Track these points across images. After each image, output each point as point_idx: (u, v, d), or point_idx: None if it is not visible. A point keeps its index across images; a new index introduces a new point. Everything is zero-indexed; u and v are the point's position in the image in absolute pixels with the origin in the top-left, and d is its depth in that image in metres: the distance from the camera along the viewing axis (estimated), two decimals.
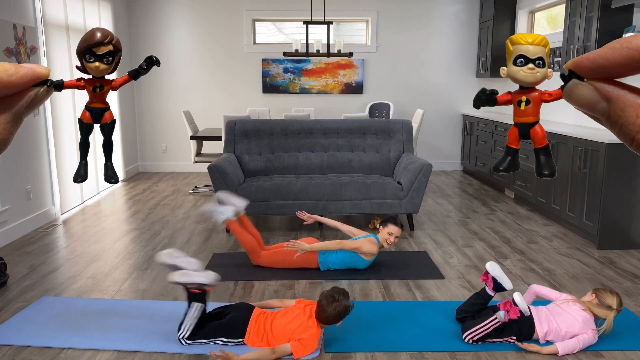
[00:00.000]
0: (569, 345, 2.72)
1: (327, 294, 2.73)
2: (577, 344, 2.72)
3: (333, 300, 2.70)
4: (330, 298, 2.70)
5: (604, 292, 2.82)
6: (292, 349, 2.69)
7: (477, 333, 2.82)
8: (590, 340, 2.75)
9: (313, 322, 2.76)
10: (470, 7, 7.96)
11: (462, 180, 7.54)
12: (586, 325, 2.76)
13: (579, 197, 4.67)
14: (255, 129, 5.38)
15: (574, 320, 2.77)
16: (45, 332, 2.96)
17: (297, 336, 2.73)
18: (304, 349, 2.70)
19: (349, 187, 4.81)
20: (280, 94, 8.08)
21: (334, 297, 2.70)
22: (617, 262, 4.11)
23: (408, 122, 5.46)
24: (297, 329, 2.75)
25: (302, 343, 2.70)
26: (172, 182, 7.33)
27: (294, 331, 2.75)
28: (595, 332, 2.75)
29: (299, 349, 2.70)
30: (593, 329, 2.75)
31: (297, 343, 2.70)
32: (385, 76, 8.08)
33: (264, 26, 8.19)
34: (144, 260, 4.16)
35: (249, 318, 2.84)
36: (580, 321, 2.76)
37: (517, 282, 3.71)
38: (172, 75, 7.97)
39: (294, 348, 2.69)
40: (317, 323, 2.76)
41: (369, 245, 3.75)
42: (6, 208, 4.54)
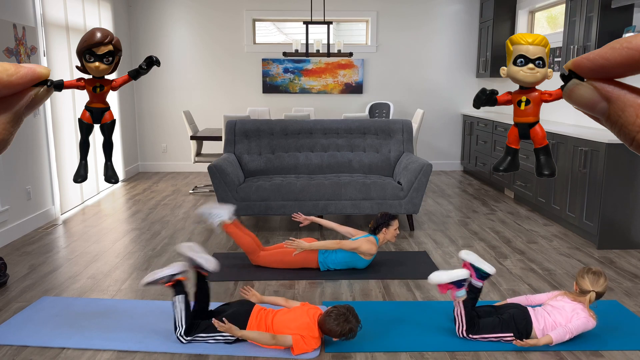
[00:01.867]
0: (560, 333, 2.73)
1: (340, 308, 2.71)
2: (568, 330, 2.73)
3: (344, 319, 2.67)
4: (342, 316, 2.68)
5: (579, 278, 2.83)
6: (293, 342, 2.69)
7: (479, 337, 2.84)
8: (582, 324, 2.74)
9: (317, 328, 2.75)
10: (470, 7, 7.96)
11: (462, 180, 7.54)
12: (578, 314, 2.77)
13: (579, 197, 4.67)
14: (255, 129, 5.38)
15: (565, 312, 2.79)
16: (45, 332, 2.96)
17: (299, 333, 2.73)
18: (304, 345, 2.70)
19: (349, 187, 4.81)
20: (280, 94, 8.08)
21: (345, 315, 2.68)
22: (617, 262, 4.11)
23: (408, 122, 5.46)
24: (300, 327, 2.75)
25: (304, 339, 2.70)
26: (172, 182, 7.33)
27: (296, 328, 2.75)
28: (588, 316, 2.75)
29: (300, 344, 2.69)
30: (584, 315, 2.75)
31: (299, 338, 2.69)
32: (385, 76, 8.08)
33: (264, 26, 8.19)
34: (144, 260, 4.16)
35: (249, 313, 2.85)
36: (570, 311, 2.78)
37: (517, 282, 3.71)
38: (172, 75, 7.98)
39: (295, 341, 2.69)
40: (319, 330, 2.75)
41: (367, 245, 3.75)
42: (6, 208, 4.54)
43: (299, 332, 2.72)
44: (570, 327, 2.73)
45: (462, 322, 2.85)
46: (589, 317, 2.74)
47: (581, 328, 2.75)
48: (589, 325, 2.75)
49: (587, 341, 2.83)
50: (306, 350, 2.71)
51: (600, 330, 2.92)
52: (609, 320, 3.05)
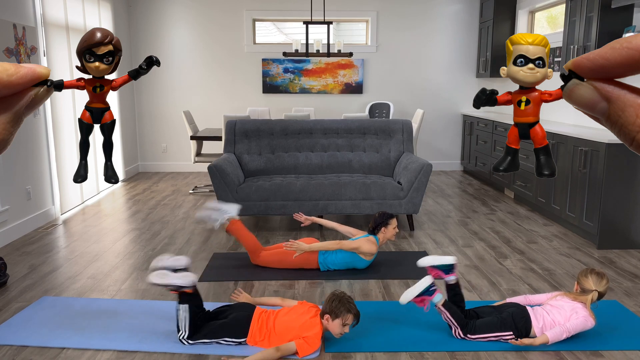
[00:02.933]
0: (557, 332, 2.74)
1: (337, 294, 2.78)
2: (565, 329, 2.73)
3: (347, 301, 2.74)
4: (346, 298, 2.76)
5: (582, 277, 2.84)
6: (297, 347, 2.69)
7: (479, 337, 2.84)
8: (580, 324, 2.74)
9: (317, 321, 2.77)
10: (470, 7, 7.96)
11: (462, 180, 7.54)
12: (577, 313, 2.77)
13: (579, 197, 4.67)
14: (255, 129, 5.38)
15: (565, 311, 2.79)
16: (45, 332, 2.96)
17: (301, 334, 2.73)
18: (308, 347, 2.70)
19: (349, 187, 4.81)
20: (280, 94, 8.08)
21: (349, 300, 2.75)
22: (617, 262, 4.11)
23: (408, 122, 5.46)
24: (302, 327, 2.76)
25: (306, 341, 2.70)
26: (172, 182, 7.33)
27: (298, 329, 2.75)
28: (587, 316, 2.74)
29: (303, 347, 2.69)
30: (584, 315, 2.75)
31: (302, 341, 2.70)
32: (385, 76, 8.08)
33: (264, 26, 8.19)
34: (144, 260, 4.16)
35: (251, 317, 2.84)
36: (569, 310, 2.78)
37: (517, 282, 3.71)
38: (172, 75, 7.97)
39: (298, 346, 2.69)
40: (321, 322, 2.77)
41: (368, 245, 3.75)
42: (6, 208, 4.54)
43: (301, 334, 2.73)
44: (567, 326, 2.73)
45: (453, 324, 2.85)
46: (587, 316, 2.74)
47: (579, 327, 2.74)
48: (587, 325, 2.75)
49: (587, 341, 2.83)
50: (310, 352, 2.72)
51: (600, 330, 2.92)
52: (609, 320, 3.05)
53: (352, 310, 2.72)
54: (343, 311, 2.71)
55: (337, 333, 2.75)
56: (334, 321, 2.73)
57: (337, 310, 2.72)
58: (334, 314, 2.72)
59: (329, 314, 2.74)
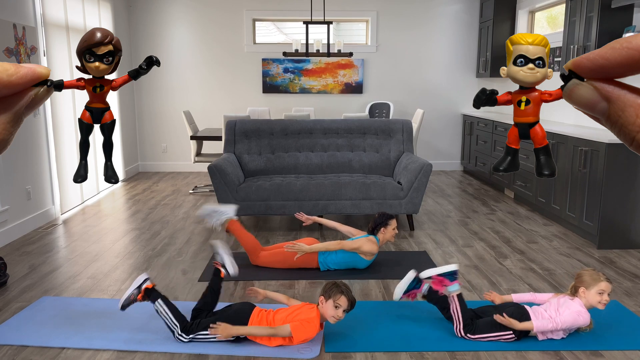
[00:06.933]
0: (544, 322, 2.76)
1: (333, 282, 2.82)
2: (552, 320, 2.75)
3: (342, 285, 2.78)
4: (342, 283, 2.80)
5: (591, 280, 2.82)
6: (291, 329, 2.69)
7: (478, 337, 2.84)
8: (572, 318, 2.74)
9: (314, 307, 2.79)
10: (470, 7, 7.96)
11: (462, 180, 7.54)
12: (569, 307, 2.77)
13: (579, 197, 4.67)
14: (255, 129, 5.38)
15: (561, 308, 2.79)
16: (45, 332, 2.96)
17: (297, 318, 2.74)
18: (303, 330, 2.70)
19: (349, 187, 4.81)
20: (280, 94, 8.08)
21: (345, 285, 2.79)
22: (617, 262, 4.11)
23: (408, 122, 5.46)
24: (298, 313, 2.78)
25: (302, 324, 2.70)
26: (172, 182, 7.33)
27: (294, 315, 2.77)
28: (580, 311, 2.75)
29: (298, 330, 2.69)
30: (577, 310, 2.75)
31: (297, 323, 2.70)
32: (385, 76, 8.08)
33: (264, 26, 8.19)
34: (144, 260, 4.16)
35: (250, 312, 2.85)
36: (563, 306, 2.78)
37: (517, 282, 3.71)
38: (172, 75, 7.98)
39: (293, 328, 2.69)
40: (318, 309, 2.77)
41: (368, 244, 3.75)
42: (6, 208, 4.54)
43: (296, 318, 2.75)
44: (557, 319, 2.75)
45: (459, 320, 2.86)
46: (581, 312, 2.75)
47: (569, 321, 2.75)
48: (579, 320, 2.75)
49: (587, 341, 2.83)
50: (305, 336, 2.71)
51: (600, 330, 2.92)
52: (609, 320, 3.05)
53: (345, 293, 2.73)
54: (335, 291, 2.72)
55: (330, 316, 2.73)
56: (327, 302, 2.73)
57: (330, 291, 2.74)
58: (327, 294, 2.74)
59: (323, 295, 2.77)
